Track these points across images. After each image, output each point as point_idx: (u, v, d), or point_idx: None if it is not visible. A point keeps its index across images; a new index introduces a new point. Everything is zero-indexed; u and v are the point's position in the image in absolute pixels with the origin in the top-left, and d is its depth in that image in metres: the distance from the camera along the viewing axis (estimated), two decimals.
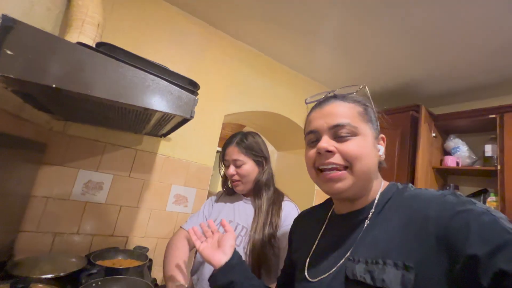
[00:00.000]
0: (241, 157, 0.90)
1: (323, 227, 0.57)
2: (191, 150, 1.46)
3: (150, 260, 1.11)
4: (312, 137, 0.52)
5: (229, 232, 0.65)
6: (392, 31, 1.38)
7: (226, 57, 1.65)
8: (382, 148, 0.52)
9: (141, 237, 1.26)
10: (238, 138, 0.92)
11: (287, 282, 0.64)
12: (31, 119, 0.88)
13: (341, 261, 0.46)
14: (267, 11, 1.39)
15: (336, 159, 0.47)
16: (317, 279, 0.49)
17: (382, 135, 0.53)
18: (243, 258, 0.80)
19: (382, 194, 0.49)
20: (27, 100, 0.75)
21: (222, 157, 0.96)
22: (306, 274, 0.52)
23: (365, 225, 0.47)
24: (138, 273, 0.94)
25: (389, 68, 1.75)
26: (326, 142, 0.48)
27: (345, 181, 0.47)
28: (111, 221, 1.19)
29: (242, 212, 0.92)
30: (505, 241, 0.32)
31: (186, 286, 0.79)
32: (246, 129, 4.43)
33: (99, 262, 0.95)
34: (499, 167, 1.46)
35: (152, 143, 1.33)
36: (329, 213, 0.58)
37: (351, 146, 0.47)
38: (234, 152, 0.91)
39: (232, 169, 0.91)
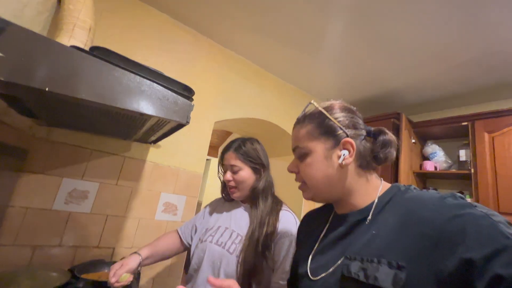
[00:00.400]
0: (238, 163, 0.89)
1: (326, 226, 0.58)
2: (181, 157, 1.44)
3: (138, 273, 1.07)
4: None
5: None
6: (374, 44, 1.47)
7: (216, 65, 1.67)
8: (343, 154, 0.50)
9: (128, 248, 1.21)
10: (237, 144, 0.92)
11: (293, 281, 0.64)
12: (12, 124, 0.83)
13: (340, 260, 0.48)
14: (255, 22, 1.44)
15: (298, 177, 0.57)
16: (318, 277, 0.50)
17: (347, 139, 0.51)
18: (236, 267, 0.79)
19: (381, 197, 0.50)
20: (12, 104, 0.72)
21: (221, 162, 0.96)
22: (308, 271, 0.53)
23: (364, 225, 0.48)
24: (125, 286, 0.90)
25: (371, 79, 1.85)
26: (290, 164, 0.58)
27: (307, 192, 0.56)
28: (96, 231, 1.14)
29: (239, 220, 0.91)
30: (502, 245, 0.32)
31: (140, 257, 0.86)
32: (233, 136, 4.44)
33: (83, 276, 0.90)
34: (472, 170, 1.58)
35: (140, 150, 1.30)
36: (333, 213, 0.60)
37: (302, 167, 0.55)
38: (232, 158, 0.90)
39: (228, 175, 0.91)
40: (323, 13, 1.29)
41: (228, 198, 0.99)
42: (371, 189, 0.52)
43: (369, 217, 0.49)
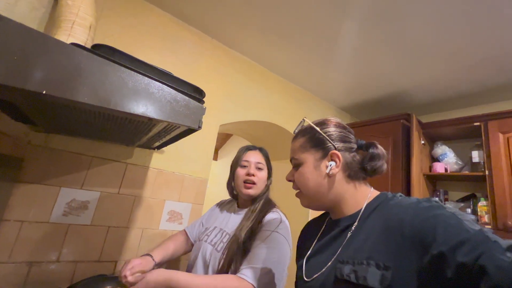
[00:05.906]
0: (263, 163, 1.00)
1: (321, 231, 0.63)
2: (186, 162, 1.37)
3: None
4: None
5: None
6: (383, 45, 1.42)
7: (221, 66, 1.61)
8: (330, 164, 0.55)
9: None
10: (259, 147, 1.03)
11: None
12: (6, 131, 0.76)
13: (330, 262, 0.52)
14: (262, 21, 1.38)
15: (295, 185, 0.62)
16: (311, 278, 0.54)
17: (334, 151, 0.56)
18: (219, 260, 0.84)
19: (369, 204, 0.54)
20: (5, 109, 0.65)
21: (239, 160, 0.99)
22: (303, 273, 0.57)
23: (352, 230, 0.52)
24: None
25: (380, 79, 1.80)
26: (288, 174, 0.63)
27: (302, 199, 0.61)
28: (97, 244, 1.06)
29: (231, 222, 0.96)
30: (464, 238, 0.37)
31: (154, 263, 0.86)
32: (233, 138, 4.35)
33: None
34: (487, 172, 1.52)
35: (143, 156, 1.22)
36: (327, 219, 0.64)
37: (296, 176, 0.60)
38: (258, 156, 1.00)
39: (253, 169, 0.96)
40: (331, 13, 1.24)
41: (233, 195, 1.04)
42: (359, 196, 0.56)
43: (356, 223, 0.53)
